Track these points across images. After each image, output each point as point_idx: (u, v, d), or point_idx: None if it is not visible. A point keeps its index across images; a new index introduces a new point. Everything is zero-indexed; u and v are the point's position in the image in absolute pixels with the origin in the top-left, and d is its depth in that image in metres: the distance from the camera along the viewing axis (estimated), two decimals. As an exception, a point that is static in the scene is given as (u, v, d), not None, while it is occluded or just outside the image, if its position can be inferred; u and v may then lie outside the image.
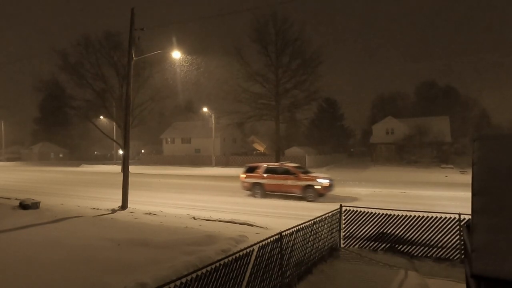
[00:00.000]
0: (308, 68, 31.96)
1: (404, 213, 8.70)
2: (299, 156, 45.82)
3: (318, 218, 7.70)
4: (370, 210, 8.94)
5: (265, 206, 15.23)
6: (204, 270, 4.30)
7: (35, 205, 13.99)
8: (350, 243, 9.02)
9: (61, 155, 78.21)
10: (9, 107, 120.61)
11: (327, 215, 8.30)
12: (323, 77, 33.00)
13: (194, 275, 4.10)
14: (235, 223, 11.44)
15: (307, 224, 7.06)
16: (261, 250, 5.39)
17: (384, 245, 8.66)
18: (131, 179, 15.72)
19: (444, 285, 6.65)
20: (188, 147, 58.63)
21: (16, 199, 16.23)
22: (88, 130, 66.05)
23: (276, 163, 19.68)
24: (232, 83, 32.72)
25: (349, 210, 9.08)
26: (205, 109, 49.72)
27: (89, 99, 38.68)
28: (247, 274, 5.10)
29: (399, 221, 8.55)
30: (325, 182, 16.55)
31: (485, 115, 71.59)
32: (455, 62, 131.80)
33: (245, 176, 18.52)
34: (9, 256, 7.63)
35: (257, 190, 17.77)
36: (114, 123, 43.47)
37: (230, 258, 4.75)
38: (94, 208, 14.51)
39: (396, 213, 8.79)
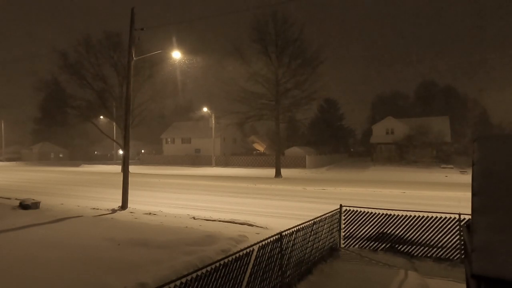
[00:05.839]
0: (308, 68, 31.92)
1: (404, 213, 8.71)
2: (299, 156, 45.83)
3: (318, 218, 7.70)
4: (370, 210, 8.94)
5: (265, 206, 15.23)
6: (204, 270, 4.30)
7: (35, 205, 13.99)
8: (350, 243, 9.01)
9: (61, 155, 78.21)
10: (9, 107, 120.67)
11: (327, 215, 8.30)
12: (323, 77, 32.76)
13: (194, 275, 4.10)
14: (235, 223, 11.44)
15: (307, 224, 7.06)
16: (261, 250, 5.39)
17: (384, 245, 8.66)
18: (131, 179, 15.73)
19: (444, 285, 6.65)
20: (188, 147, 58.62)
21: (16, 199, 16.23)
22: (88, 130, 66.09)
23: None
24: (232, 83, 32.68)
25: (349, 210, 9.08)
26: (205, 109, 49.74)
27: (89, 99, 38.66)
28: (247, 274, 5.10)
29: (399, 221, 8.55)
30: None
31: (485, 115, 71.51)
32: (455, 62, 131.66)
33: None
34: (9, 256, 7.63)
35: None
36: (114, 123, 43.46)
37: (230, 258, 4.74)
38: (94, 208, 14.51)
39: (396, 213, 8.79)
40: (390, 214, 8.71)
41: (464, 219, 7.65)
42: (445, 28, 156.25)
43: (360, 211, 8.96)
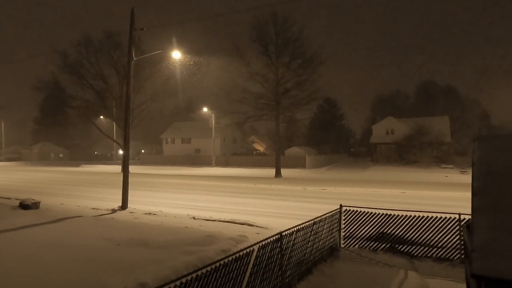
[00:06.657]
0: (308, 68, 31.93)
1: (404, 213, 8.70)
2: (299, 156, 45.83)
3: (318, 218, 7.69)
4: (370, 210, 8.93)
5: (265, 206, 15.23)
6: (204, 270, 4.30)
7: (35, 205, 13.99)
8: (350, 243, 9.01)
9: (61, 155, 78.21)
10: (9, 107, 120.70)
11: (327, 215, 8.29)
12: (323, 77, 32.86)
13: (194, 275, 4.10)
14: (235, 223, 11.44)
15: (307, 224, 7.06)
16: (261, 250, 5.38)
17: (384, 245, 8.66)
18: (131, 179, 15.72)
19: (444, 285, 6.65)
20: (188, 147, 58.64)
21: (16, 199, 16.23)
22: (88, 130, 66.10)
23: None
24: (232, 83, 32.71)
25: (349, 210, 9.08)
26: (205, 109, 49.74)
27: (89, 99, 38.76)
28: (247, 274, 5.10)
29: (399, 221, 8.55)
30: None
31: (485, 115, 71.53)
32: (455, 62, 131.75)
33: None
34: (9, 256, 7.63)
35: None
36: (114, 123, 43.48)
37: (230, 258, 4.74)
38: (94, 208, 14.51)
39: (396, 213, 8.79)
40: (390, 214, 8.71)
41: (464, 219, 7.65)
42: (445, 28, 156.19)
43: (360, 211, 8.96)
